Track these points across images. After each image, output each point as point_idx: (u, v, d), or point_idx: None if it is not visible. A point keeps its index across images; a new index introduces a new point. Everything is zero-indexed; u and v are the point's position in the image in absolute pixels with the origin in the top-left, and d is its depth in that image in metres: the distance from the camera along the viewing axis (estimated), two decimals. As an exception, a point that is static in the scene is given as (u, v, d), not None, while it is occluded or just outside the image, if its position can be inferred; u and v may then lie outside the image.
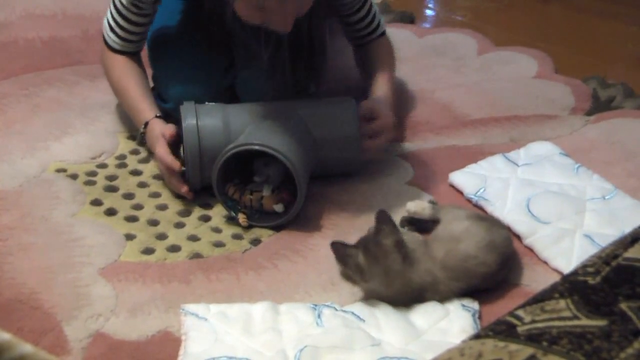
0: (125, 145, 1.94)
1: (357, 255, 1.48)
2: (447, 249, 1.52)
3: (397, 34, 2.43)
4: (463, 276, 1.51)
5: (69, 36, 2.37)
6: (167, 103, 1.96)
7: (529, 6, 2.69)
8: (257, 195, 1.72)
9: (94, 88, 2.14)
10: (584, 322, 0.97)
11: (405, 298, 1.50)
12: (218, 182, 1.69)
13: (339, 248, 1.50)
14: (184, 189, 1.75)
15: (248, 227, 1.71)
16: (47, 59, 2.26)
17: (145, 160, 1.90)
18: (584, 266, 1.07)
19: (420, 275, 1.50)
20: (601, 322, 0.96)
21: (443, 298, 1.51)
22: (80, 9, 2.50)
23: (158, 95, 1.97)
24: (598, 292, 1.02)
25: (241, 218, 1.71)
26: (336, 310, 1.48)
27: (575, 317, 0.98)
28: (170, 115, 1.96)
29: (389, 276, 1.48)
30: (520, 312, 1.02)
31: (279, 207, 1.72)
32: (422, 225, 1.68)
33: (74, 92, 2.12)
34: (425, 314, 1.48)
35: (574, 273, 1.06)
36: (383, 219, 1.51)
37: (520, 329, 0.98)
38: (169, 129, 1.76)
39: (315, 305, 1.49)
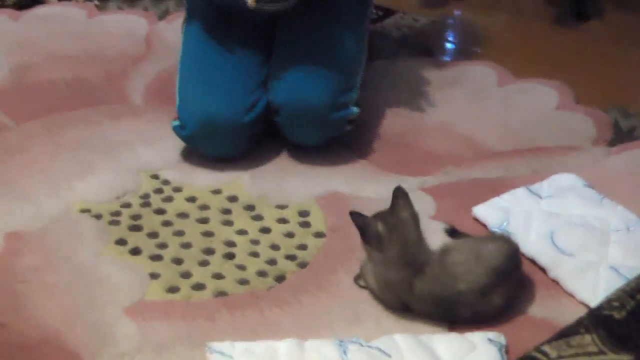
0: (148, 184, 1.95)
1: (376, 225, 1.55)
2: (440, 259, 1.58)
3: (416, 67, 2.44)
4: (450, 280, 1.54)
5: (92, 76, 2.39)
6: (184, 129, 1.98)
7: (548, 36, 2.69)
8: None
9: (117, 127, 2.16)
10: (610, 357, 0.97)
11: (404, 273, 1.55)
12: None
13: (359, 218, 1.57)
14: None
15: (273, 264, 1.72)
16: (70, 100, 2.28)
17: (168, 199, 1.91)
18: (609, 300, 1.06)
19: (427, 255, 1.57)
20: (627, 357, 0.96)
21: (436, 299, 1.55)
22: (102, 49, 2.53)
23: (179, 125, 2.00)
24: (624, 326, 1.02)
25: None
26: (362, 345, 1.48)
27: (601, 352, 0.98)
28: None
29: (407, 249, 1.55)
30: (546, 348, 1.02)
31: None
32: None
33: (97, 131, 2.14)
34: (452, 348, 1.48)
35: (599, 307, 1.06)
36: (400, 194, 1.59)
37: (547, 364, 0.98)
38: None
39: (341, 342, 1.49)
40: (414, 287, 1.54)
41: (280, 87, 2.00)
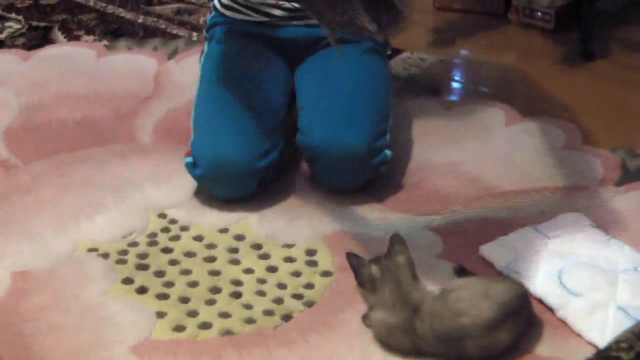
0: (156, 223, 1.96)
1: (370, 267, 1.61)
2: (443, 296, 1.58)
3: (424, 107, 2.45)
4: (452, 315, 1.53)
5: (101, 116, 2.41)
6: (196, 167, 1.98)
7: (555, 76, 2.70)
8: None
9: (125, 166, 2.17)
10: (619, 398, 0.96)
11: (402, 314, 1.56)
12: None
13: (353, 259, 1.64)
14: None
15: (280, 303, 1.71)
16: (79, 139, 2.29)
17: (176, 238, 1.91)
18: (617, 341, 1.06)
19: (421, 293, 1.59)
20: (636, 399, 0.95)
21: (439, 335, 1.53)
22: (112, 89, 2.54)
23: (192, 162, 2.00)
24: (632, 367, 1.01)
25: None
26: (368, 385, 1.48)
27: (610, 394, 0.97)
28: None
29: (399, 289, 1.58)
30: (554, 389, 1.01)
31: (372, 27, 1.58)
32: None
33: (105, 170, 2.15)
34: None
35: (608, 348, 1.05)
36: (397, 240, 1.64)
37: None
38: None
39: (348, 381, 1.49)
40: (416, 327, 1.54)
41: (317, 134, 1.99)
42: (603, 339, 1.54)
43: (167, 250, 1.88)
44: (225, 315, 1.69)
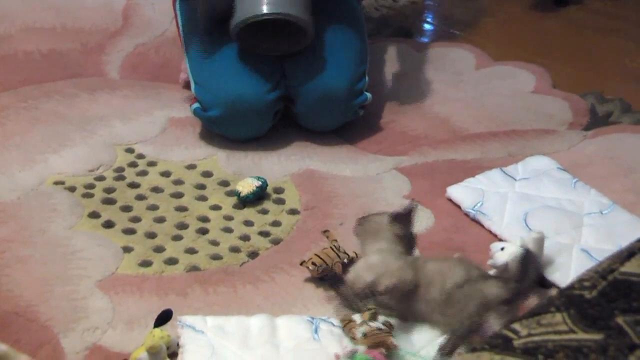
0: (123, 158, 1.94)
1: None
2: None
3: (395, 48, 2.44)
4: None
5: (68, 49, 2.38)
6: (210, 110, 1.97)
7: (527, 21, 2.70)
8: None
9: (93, 101, 2.14)
10: (580, 335, 0.97)
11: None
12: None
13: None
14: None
15: (247, 240, 1.72)
16: (46, 72, 2.26)
17: (143, 173, 1.90)
18: (580, 280, 1.07)
19: None
20: (597, 336, 0.97)
21: None
22: (79, 22, 2.51)
23: (200, 107, 1.99)
24: (594, 306, 1.02)
25: None
26: (333, 325, 1.48)
27: (572, 331, 0.98)
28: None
29: None
30: (516, 326, 1.02)
31: None
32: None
33: (73, 105, 2.12)
34: (424, 333, 1.48)
35: (571, 287, 1.06)
36: None
37: (517, 342, 0.98)
38: None
39: (312, 318, 1.49)
40: None
41: (300, 74, 1.99)
42: (566, 280, 1.55)
43: (134, 185, 1.87)
44: (191, 251, 1.69)
